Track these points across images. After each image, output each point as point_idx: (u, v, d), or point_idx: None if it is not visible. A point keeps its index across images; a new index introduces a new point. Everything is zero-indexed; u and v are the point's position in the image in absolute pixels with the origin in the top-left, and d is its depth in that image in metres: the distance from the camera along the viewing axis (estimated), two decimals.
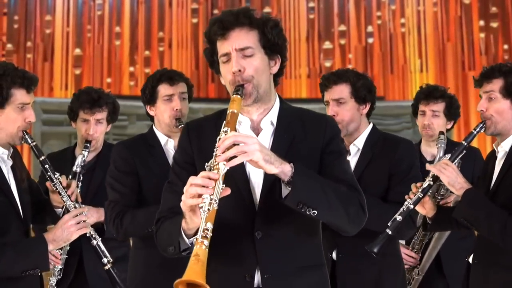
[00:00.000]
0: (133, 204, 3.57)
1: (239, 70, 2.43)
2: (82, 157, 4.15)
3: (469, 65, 10.79)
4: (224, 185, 2.18)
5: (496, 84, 3.34)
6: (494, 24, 10.90)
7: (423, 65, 10.87)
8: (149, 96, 3.76)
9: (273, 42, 2.51)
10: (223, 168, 2.19)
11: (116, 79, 10.65)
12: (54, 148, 4.46)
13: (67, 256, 4.17)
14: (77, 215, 3.16)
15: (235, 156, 2.22)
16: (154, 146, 3.73)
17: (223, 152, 2.21)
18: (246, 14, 2.47)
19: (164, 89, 3.74)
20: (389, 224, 3.24)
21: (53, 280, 4.20)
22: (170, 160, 3.58)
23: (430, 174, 3.36)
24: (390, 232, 3.23)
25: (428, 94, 4.54)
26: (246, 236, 2.43)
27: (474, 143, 4.16)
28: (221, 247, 2.34)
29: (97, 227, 3.75)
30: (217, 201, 2.14)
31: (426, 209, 3.44)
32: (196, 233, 2.23)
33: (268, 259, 2.41)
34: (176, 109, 3.70)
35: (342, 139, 2.71)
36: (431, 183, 3.34)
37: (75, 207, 3.24)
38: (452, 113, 4.56)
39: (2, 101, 3.05)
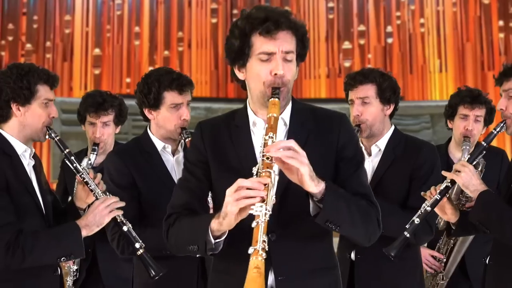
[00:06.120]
0: (135, 221, 3.34)
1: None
2: (87, 160, 4.18)
3: (489, 65, 10.73)
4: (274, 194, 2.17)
5: None
6: None
7: (443, 65, 10.82)
8: (153, 100, 3.47)
9: (305, 52, 2.52)
10: (275, 176, 2.18)
11: (135, 79, 10.64)
12: (73, 148, 4.46)
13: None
14: (107, 199, 3.18)
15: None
16: (150, 152, 3.51)
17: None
18: (292, 18, 2.44)
19: (172, 97, 3.46)
20: (407, 226, 3.18)
21: (70, 281, 4.25)
22: (169, 167, 3.51)
23: (448, 176, 3.25)
24: (408, 235, 3.17)
25: (474, 98, 4.36)
26: None
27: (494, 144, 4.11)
28: (234, 248, 2.33)
29: None
30: (270, 211, 2.11)
31: (448, 214, 3.31)
32: (221, 235, 2.31)
33: (282, 261, 2.40)
34: (184, 119, 3.48)
35: (357, 139, 2.68)
36: (449, 184, 3.22)
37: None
38: (490, 119, 4.42)
39: (29, 97, 3.13)
